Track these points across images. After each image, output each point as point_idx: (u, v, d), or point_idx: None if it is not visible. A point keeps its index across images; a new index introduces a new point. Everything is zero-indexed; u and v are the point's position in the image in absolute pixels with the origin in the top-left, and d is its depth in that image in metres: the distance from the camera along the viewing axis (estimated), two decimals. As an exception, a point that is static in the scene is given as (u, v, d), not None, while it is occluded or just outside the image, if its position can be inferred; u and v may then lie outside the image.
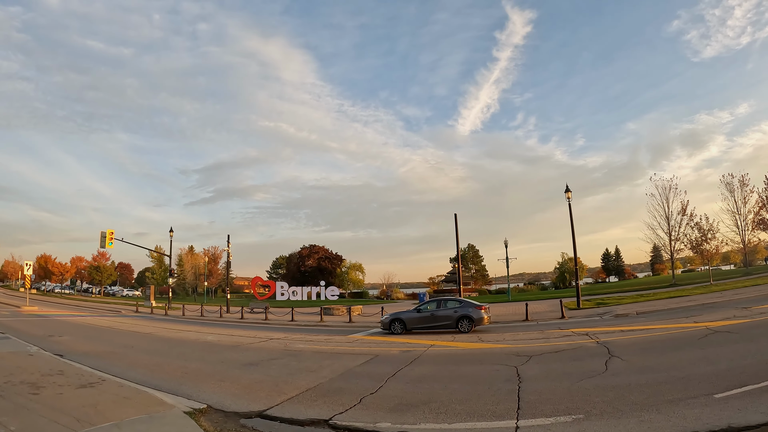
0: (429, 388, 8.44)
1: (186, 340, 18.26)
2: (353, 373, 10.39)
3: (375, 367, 11.21)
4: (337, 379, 9.64)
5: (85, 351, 14.57)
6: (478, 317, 18.20)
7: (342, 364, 11.49)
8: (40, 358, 12.42)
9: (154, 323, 26.28)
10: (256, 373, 10.74)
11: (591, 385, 7.84)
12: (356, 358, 12.48)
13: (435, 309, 19.30)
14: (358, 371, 10.68)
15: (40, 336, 18.05)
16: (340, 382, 9.39)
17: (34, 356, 12.52)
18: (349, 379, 9.74)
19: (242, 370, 11.28)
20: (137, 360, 13.16)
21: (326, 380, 9.55)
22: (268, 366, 11.76)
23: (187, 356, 14.04)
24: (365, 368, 11.07)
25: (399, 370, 10.42)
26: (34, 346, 14.44)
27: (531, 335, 15.85)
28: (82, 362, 12.15)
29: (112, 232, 35.41)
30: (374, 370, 10.76)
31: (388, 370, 10.32)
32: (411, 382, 9.07)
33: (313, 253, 69.20)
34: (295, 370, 11.07)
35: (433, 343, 14.99)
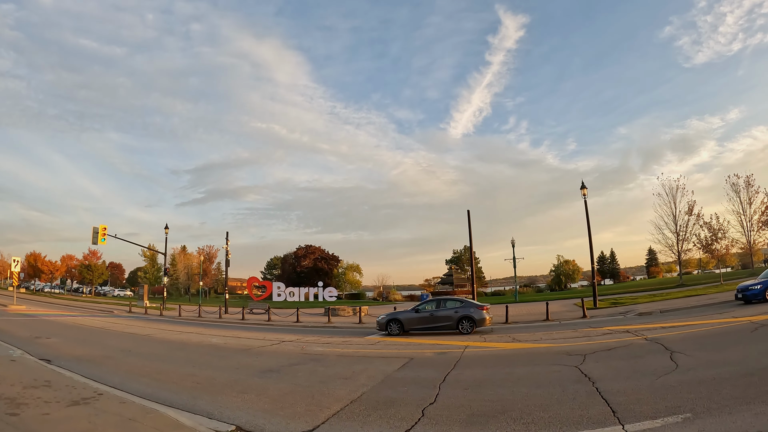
0: (495, 394, 7.26)
1: (189, 343, 16.39)
2: (395, 380, 8.97)
3: (416, 371, 9.91)
4: (381, 387, 8.23)
5: (77, 356, 12.68)
6: (480, 318, 17.25)
7: (377, 369, 10.10)
8: (24, 364, 10.50)
9: (150, 324, 24.26)
10: (282, 382, 9.09)
11: (673, 381, 7.14)
12: (389, 362, 11.08)
13: (434, 309, 18.27)
14: (400, 377, 9.28)
15: (25, 338, 16.04)
16: (385, 390, 7.98)
17: (17, 362, 10.60)
18: (394, 386, 8.33)
19: (264, 379, 9.52)
20: (138, 366, 11.32)
21: (368, 389, 8.12)
22: (292, 373, 10.14)
23: (195, 362, 12.24)
24: (406, 373, 9.71)
25: (446, 374, 9.14)
26: (17, 350, 12.49)
27: (566, 334, 14.94)
28: (73, 369, 10.30)
29: (105, 228, 33.22)
30: (417, 375, 9.44)
31: (434, 375, 9.04)
32: (470, 388, 7.80)
33: (309, 254, 67.08)
34: (326, 377, 9.54)
35: (466, 344, 13.83)
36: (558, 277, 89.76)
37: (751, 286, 18.49)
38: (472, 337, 16.09)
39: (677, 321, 15.62)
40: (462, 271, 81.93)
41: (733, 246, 48.60)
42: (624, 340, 12.23)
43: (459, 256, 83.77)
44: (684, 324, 14.57)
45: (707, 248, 48.79)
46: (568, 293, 61.12)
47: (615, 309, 23.50)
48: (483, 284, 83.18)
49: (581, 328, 16.34)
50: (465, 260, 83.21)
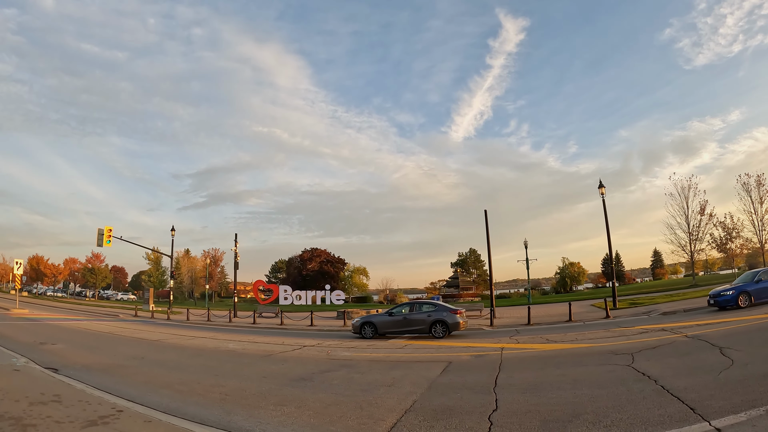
0: (558, 398, 6.71)
1: (204, 349, 15.16)
2: (443, 386, 8.18)
3: (461, 376, 9.16)
4: (431, 395, 7.47)
5: (86, 364, 11.44)
6: (454, 322, 17.02)
7: (418, 375, 9.33)
8: (29, 374, 9.27)
9: (159, 329, 22.99)
10: (320, 392, 8.04)
11: (736, 376, 6.94)
12: (428, 367, 10.26)
13: (408, 313, 18.14)
14: (446, 382, 8.52)
15: (29, 343, 14.78)
16: (437, 397, 7.25)
17: (21, 372, 9.36)
18: (445, 393, 7.57)
19: (298, 388, 8.42)
20: (155, 376, 10.11)
21: (418, 396, 7.34)
22: (327, 381, 9.09)
23: (216, 370, 11.05)
24: (451, 378, 8.94)
25: (496, 378, 8.51)
26: (21, 357, 11.25)
27: (599, 334, 14.45)
28: (84, 380, 9.08)
29: (110, 230, 31.94)
30: (465, 380, 8.68)
31: (483, 380, 8.43)
32: (528, 392, 7.20)
33: (315, 257, 65.69)
34: (366, 385, 8.57)
35: (501, 346, 13.21)
36: (563, 279, 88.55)
37: (723, 292, 17.82)
38: (502, 338, 15.56)
39: (708, 319, 15.18)
40: (467, 273, 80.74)
41: (746, 245, 47.98)
42: (665, 338, 11.82)
43: (464, 258, 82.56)
44: (718, 321, 14.19)
45: (722, 247, 48.21)
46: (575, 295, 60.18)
47: (636, 309, 23.01)
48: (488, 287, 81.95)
49: (612, 328, 15.84)
50: (470, 263, 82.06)
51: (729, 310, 17.09)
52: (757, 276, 18.22)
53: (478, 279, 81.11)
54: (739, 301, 17.11)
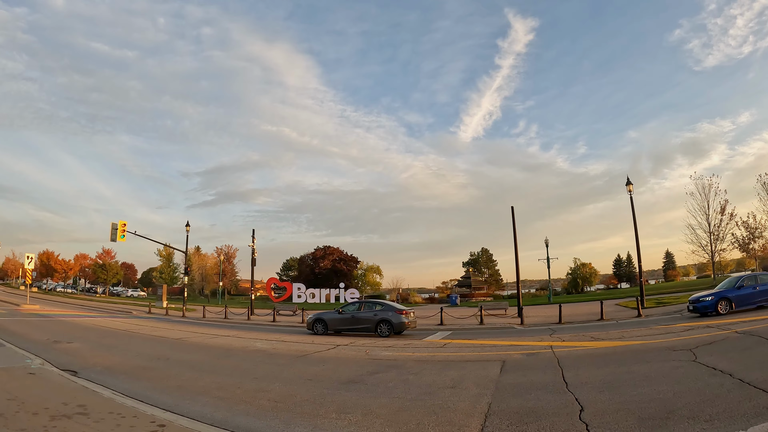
0: (640, 395, 6.37)
1: (232, 349, 13.84)
2: (512, 386, 7.57)
3: (524, 375, 8.55)
4: (504, 396, 6.88)
5: (108, 365, 10.13)
6: (398, 322, 17.13)
7: (478, 375, 8.69)
8: (46, 379, 7.96)
9: (176, 326, 21.70)
10: (380, 396, 7.15)
11: None
12: (483, 366, 9.69)
13: (356, 311, 18.44)
14: (512, 382, 7.90)
15: (43, 342, 13.51)
16: (512, 399, 6.71)
17: (37, 376, 8.05)
18: (517, 394, 7.00)
19: (353, 392, 7.47)
20: (187, 380, 8.81)
21: (491, 398, 6.73)
22: (381, 383, 8.22)
23: (252, 372, 9.80)
24: (515, 378, 8.30)
25: (562, 376, 8.01)
26: (36, 358, 9.95)
27: (642, 332, 14.01)
28: (109, 385, 7.79)
29: (124, 224, 30.70)
30: (529, 379, 8.07)
31: (549, 379, 7.94)
32: (605, 390, 6.77)
33: (327, 255, 64.29)
34: (426, 387, 7.80)
35: (549, 344, 12.60)
36: (575, 280, 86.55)
37: (702, 298, 17.01)
38: (541, 336, 15.20)
39: (751, 316, 14.87)
40: (479, 273, 79.17)
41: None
42: (716, 335, 11.52)
43: (476, 258, 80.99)
44: (760, 318, 13.92)
45: (744, 247, 46.97)
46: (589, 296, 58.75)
47: (665, 308, 22.54)
48: (500, 287, 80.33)
49: (651, 326, 15.35)
50: (482, 262, 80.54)
51: (712, 316, 16.13)
52: (739, 282, 17.24)
53: (490, 279, 79.55)
54: (719, 307, 16.33)
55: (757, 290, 16.77)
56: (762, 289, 16.81)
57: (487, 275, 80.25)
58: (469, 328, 20.42)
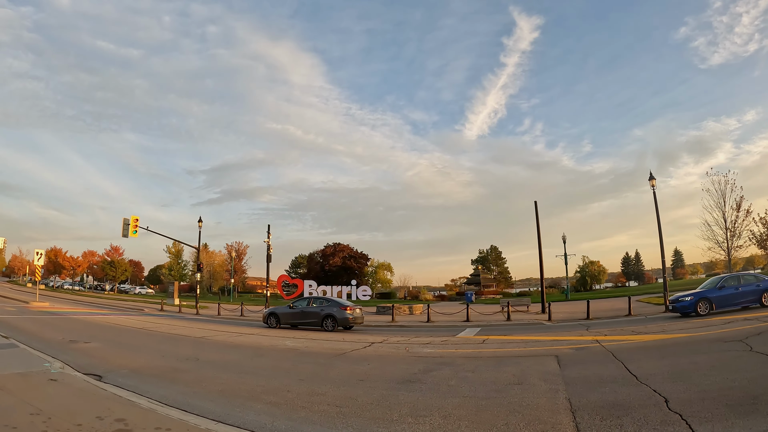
0: (715, 383, 6.20)
1: (261, 347, 12.76)
2: (581, 380, 7.17)
3: (586, 369, 8.18)
4: (578, 390, 6.45)
5: (134, 368, 9.01)
6: (342, 317, 17.91)
7: (538, 370, 8.22)
8: (71, 385, 6.82)
9: (194, 324, 20.60)
10: (449, 396, 6.49)
11: None
12: (539, 361, 9.19)
13: (305, 306, 19.26)
14: (579, 376, 7.49)
15: (58, 342, 12.40)
16: (588, 393, 6.31)
17: (60, 382, 6.91)
18: (591, 388, 6.60)
19: (416, 393, 6.77)
20: (227, 383, 7.76)
21: (567, 393, 6.32)
22: (441, 382, 7.56)
23: (296, 373, 8.85)
24: (579, 372, 7.88)
25: (626, 369, 7.69)
26: (55, 360, 8.82)
27: (681, 325, 13.80)
28: (142, 391, 6.72)
29: (137, 219, 29.58)
30: (595, 372, 7.72)
31: (614, 371, 7.62)
32: (678, 380, 6.53)
33: (337, 252, 63.08)
34: (491, 384, 7.26)
35: (594, 339, 12.26)
36: (583, 278, 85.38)
37: (682, 298, 16.61)
38: (578, 331, 15.00)
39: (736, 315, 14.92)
40: (488, 271, 77.97)
41: None
42: (761, 326, 11.53)
43: (485, 256, 79.77)
44: None
45: (762, 244, 46.37)
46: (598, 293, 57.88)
47: None
48: (509, 284, 79.09)
49: (689, 320, 15.04)
50: (491, 260, 79.36)
51: (693, 317, 15.66)
52: (721, 282, 16.69)
53: (499, 276, 78.36)
54: (698, 308, 15.84)
55: (739, 291, 16.12)
56: (745, 289, 16.16)
57: (496, 273, 79.08)
58: (497, 325, 19.89)
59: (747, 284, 16.44)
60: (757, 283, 16.45)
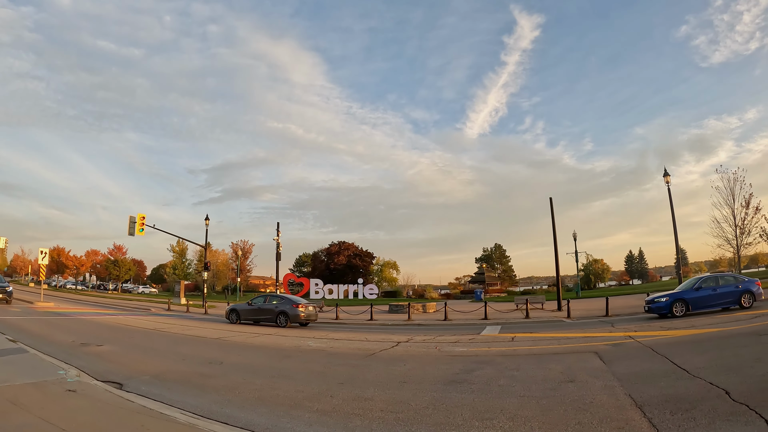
0: None
1: (285, 349, 11.97)
2: (633, 376, 6.86)
3: (633, 365, 7.92)
4: (633, 386, 6.18)
5: (156, 373, 8.19)
6: (294, 314, 18.74)
7: (583, 367, 7.91)
8: (92, 396, 5.99)
9: (206, 324, 19.77)
10: (505, 396, 6.10)
11: None
12: (581, 358, 8.88)
13: (262, 304, 20.16)
14: (629, 372, 7.17)
15: (69, 345, 11.54)
16: (646, 388, 6.03)
17: (79, 393, 6.07)
18: (647, 382, 6.39)
19: (469, 394, 6.30)
20: (262, 389, 7.00)
21: (625, 390, 6.03)
22: (489, 382, 7.11)
23: (332, 376, 8.10)
24: (626, 368, 7.55)
25: (673, 363, 7.40)
26: (70, 367, 7.97)
27: (707, 321, 13.63)
28: (172, 401, 5.98)
29: (143, 217, 28.73)
30: (643, 368, 7.50)
31: (662, 367, 7.36)
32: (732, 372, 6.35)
33: (342, 250, 62.20)
34: (541, 382, 6.86)
35: (627, 335, 11.87)
36: (587, 276, 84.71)
37: (657, 299, 16.27)
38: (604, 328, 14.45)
39: None
40: (492, 269, 77.21)
41: None
42: None
43: (489, 254, 79.03)
44: None
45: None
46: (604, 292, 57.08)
47: None
48: (513, 283, 78.33)
49: (713, 316, 14.88)
50: (495, 258, 78.64)
51: (670, 318, 15.24)
52: (697, 283, 16.33)
53: (503, 275, 77.61)
54: (674, 309, 15.45)
55: (717, 292, 15.71)
56: (723, 291, 15.74)
57: (500, 271, 78.33)
58: (516, 323, 19.31)
59: (725, 285, 16.01)
60: (736, 284, 16.01)
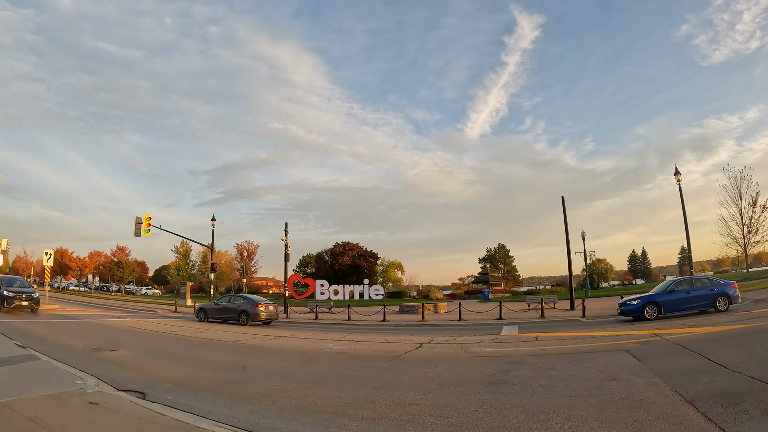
0: None
1: (306, 352, 11.42)
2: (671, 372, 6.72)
3: (667, 362, 7.79)
4: (677, 382, 6.07)
5: (178, 380, 7.59)
6: (253, 313, 19.80)
7: (619, 365, 7.77)
8: (117, 410, 5.38)
9: (218, 327, 19.15)
10: (552, 397, 5.89)
11: None
12: (614, 356, 8.72)
13: (227, 303, 21.34)
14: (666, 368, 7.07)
15: (80, 350, 10.93)
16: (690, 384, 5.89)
17: (102, 406, 5.46)
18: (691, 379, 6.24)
19: (513, 395, 6.07)
20: (297, 396, 6.43)
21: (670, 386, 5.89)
22: (528, 381, 6.93)
23: (365, 380, 7.59)
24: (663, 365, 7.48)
25: (708, 359, 7.33)
26: (87, 376, 7.36)
27: (728, 318, 13.57)
28: (203, 413, 5.49)
29: (149, 217, 28.11)
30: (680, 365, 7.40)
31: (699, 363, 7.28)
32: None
33: (347, 251, 61.53)
34: (581, 380, 6.74)
35: (652, 332, 11.69)
36: (591, 276, 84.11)
37: (629, 302, 16.12)
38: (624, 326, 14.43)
39: None
40: (496, 269, 76.60)
41: None
42: None
43: (492, 254, 78.37)
44: None
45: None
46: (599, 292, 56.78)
47: None
48: (517, 283, 77.73)
49: (738, 312, 14.79)
50: (499, 258, 78.02)
51: (644, 321, 14.97)
52: (670, 286, 16.19)
53: (507, 275, 76.99)
54: (645, 312, 15.23)
55: (690, 295, 15.51)
56: (697, 294, 15.53)
57: (504, 271, 77.68)
58: (533, 322, 18.92)
59: (700, 288, 15.76)
60: (711, 286, 15.77)
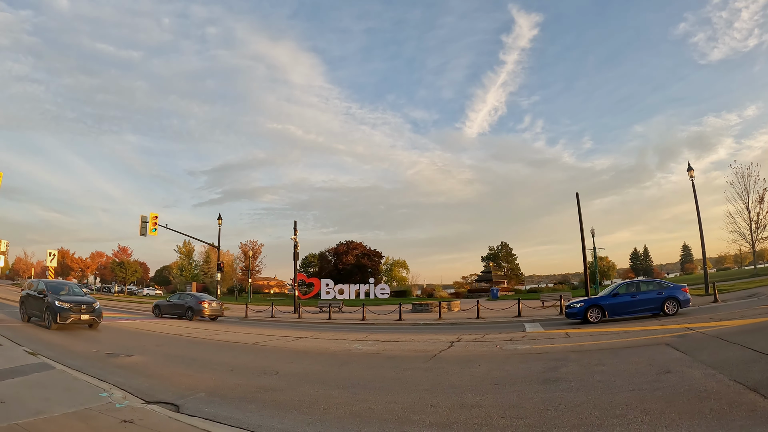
0: None
1: (336, 354, 10.72)
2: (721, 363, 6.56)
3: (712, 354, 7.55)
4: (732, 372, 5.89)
5: (210, 389, 6.81)
6: (198, 309, 21.80)
7: (665, 358, 7.56)
8: (154, 429, 4.58)
9: (232, 328, 18.37)
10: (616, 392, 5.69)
11: None
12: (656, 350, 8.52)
13: (177, 300, 23.58)
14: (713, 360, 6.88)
15: (95, 356, 10.09)
16: (745, 373, 5.75)
17: (138, 425, 4.65)
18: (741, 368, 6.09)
19: (575, 393, 5.80)
20: (348, 403, 5.73)
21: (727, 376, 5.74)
22: (582, 378, 6.63)
23: (412, 383, 7.02)
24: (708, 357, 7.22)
25: (753, 349, 7.23)
26: (111, 387, 6.53)
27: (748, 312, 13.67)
28: (253, 427, 4.79)
29: (155, 217, 27.26)
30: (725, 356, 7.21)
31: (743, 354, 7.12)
32: None
33: (351, 250, 60.71)
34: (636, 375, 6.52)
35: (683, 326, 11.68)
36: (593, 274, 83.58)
37: (573, 304, 16.01)
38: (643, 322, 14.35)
39: None
40: (499, 267, 75.97)
41: None
42: None
43: (495, 252, 77.71)
44: None
45: None
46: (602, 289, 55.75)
47: (732, 294, 22.66)
48: (520, 281, 77.11)
49: (754, 307, 14.95)
50: (502, 256, 77.37)
51: (590, 324, 14.79)
52: (615, 289, 15.97)
53: (510, 273, 76.37)
54: (588, 315, 15.05)
55: (636, 299, 15.19)
56: (644, 297, 15.18)
57: (507, 269, 77.05)
58: (553, 319, 18.41)
59: (647, 292, 15.41)
60: (659, 290, 15.33)
